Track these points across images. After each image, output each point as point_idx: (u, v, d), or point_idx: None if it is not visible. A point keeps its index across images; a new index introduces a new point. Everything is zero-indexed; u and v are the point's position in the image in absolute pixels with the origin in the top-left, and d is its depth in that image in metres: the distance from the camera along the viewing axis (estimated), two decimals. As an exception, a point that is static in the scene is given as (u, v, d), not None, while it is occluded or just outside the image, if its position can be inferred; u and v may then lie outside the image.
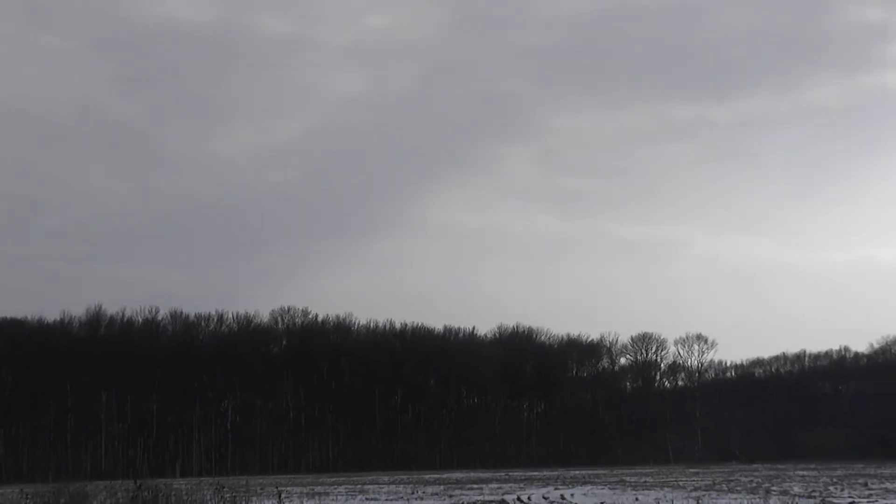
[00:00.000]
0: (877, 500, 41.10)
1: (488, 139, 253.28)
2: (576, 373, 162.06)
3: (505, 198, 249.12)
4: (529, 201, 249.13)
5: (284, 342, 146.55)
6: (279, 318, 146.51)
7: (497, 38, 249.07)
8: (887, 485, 56.59)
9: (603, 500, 45.59)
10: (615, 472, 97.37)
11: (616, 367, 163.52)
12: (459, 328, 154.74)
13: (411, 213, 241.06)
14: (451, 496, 52.54)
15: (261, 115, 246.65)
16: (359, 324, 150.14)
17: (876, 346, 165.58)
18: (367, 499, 52.14)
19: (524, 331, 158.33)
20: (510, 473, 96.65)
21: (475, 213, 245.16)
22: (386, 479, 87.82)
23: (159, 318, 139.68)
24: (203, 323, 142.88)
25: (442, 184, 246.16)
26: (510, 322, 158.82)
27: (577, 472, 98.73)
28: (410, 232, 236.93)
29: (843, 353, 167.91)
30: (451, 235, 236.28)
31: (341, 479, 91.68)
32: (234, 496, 38.21)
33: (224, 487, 38.65)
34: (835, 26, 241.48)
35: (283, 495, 42.61)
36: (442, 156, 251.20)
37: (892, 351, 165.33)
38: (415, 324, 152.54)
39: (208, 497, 37.38)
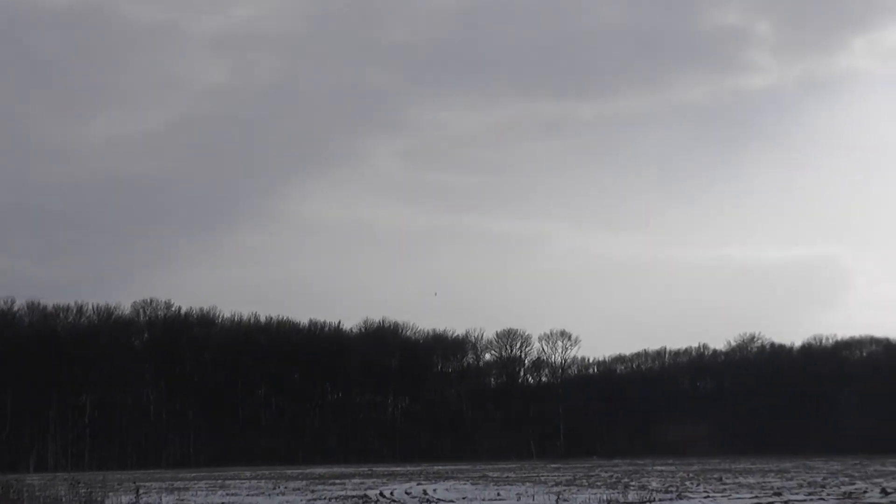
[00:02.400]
0: (730, 495, 42.00)
1: (355, 133, 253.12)
2: (441, 368, 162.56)
3: (372, 192, 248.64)
4: (396, 196, 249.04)
5: (146, 335, 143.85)
6: (141, 311, 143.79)
7: (365, 31, 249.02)
8: (741, 479, 57.95)
9: (465, 496, 45.67)
10: (478, 467, 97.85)
11: (481, 363, 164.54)
12: (325, 322, 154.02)
13: (277, 206, 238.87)
14: (313, 491, 52.12)
15: (123, 104, 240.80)
16: (223, 317, 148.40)
17: (733, 343, 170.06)
18: (227, 494, 51.37)
19: (390, 325, 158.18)
20: (373, 469, 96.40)
21: (342, 207, 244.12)
22: (248, 473, 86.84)
23: (15, 308, 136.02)
24: (62, 314, 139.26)
25: (308, 177, 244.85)
26: (376, 317, 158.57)
27: (441, 467, 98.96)
28: (276, 225, 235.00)
29: (702, 350, 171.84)
30: (318, 229, 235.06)
31: (202, 473, 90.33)
32: (90, 492, 37.24)
33: (79, 483, 37.70)
34: (698, 28, 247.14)
35: (140, 491, 41.62)
36: (309, 149, 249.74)
37: (749, 348, 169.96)
38: (280, 317, 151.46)
39: (62, 493, 36.42)
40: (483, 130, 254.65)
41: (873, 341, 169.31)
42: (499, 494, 45.86)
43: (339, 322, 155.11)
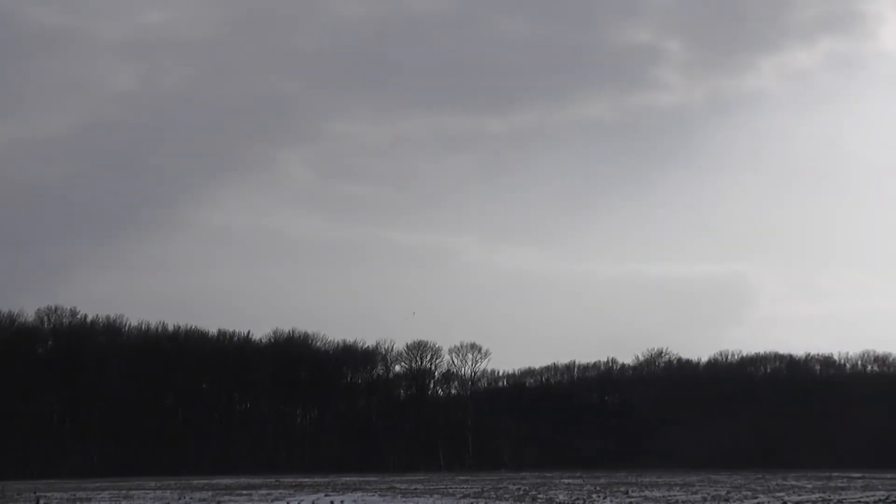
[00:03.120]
0: (637, 508, 42.34)
1: (266, 141, 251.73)
2: (350, 379, 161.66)
3: (282, 201, 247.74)
4: (307, 206, 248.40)
5: (50, 343, 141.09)
6: (45, 318, 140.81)
7: (277, 39, 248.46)
8: (646, 493, 58.47)
9: (373, 507, 45.48)
10: (387, 478, 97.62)
11: (391, 375, 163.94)
12: (234, 332, 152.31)
13: (186, 214, 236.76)
14: (219, 502, 51.52)
15: (27, 109, 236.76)
16: (130, 325, 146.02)
17: (641, 358, 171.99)
18: (131, 505, 50.56)
19: (300, 336, 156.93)
20: (281, 479, 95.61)
21: (252, 216, 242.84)
22: (153, 484, 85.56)
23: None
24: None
25: (218, 185, 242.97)
26: (286, 327, 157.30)
27: (349, 478, 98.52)
28: (186, 234, 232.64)
29: (610, 364, 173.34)
30: (227, 238, 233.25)
31: (106, 484, 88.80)
32: (-12, 502, 36.46)
33: (-23, 492, 36.83)
34: (608, 45, 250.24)
35: (41, 501, 40.84)
36: (218, 157, 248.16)
37: (656, 363, 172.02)
38: (188, 326, 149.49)
39: (-41, 503, 35.57)
40: (393, 143, 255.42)
41: (777, 357, 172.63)
42: (406, 506, 45.75)
43: (249, 332, 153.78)
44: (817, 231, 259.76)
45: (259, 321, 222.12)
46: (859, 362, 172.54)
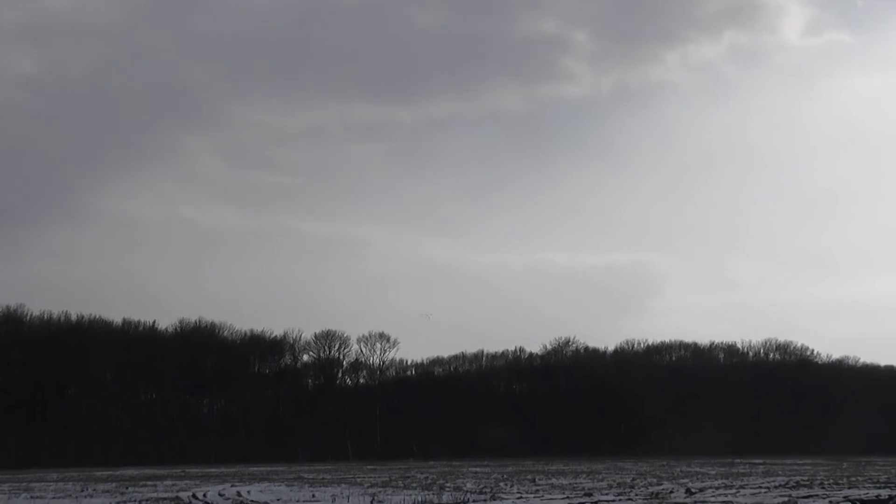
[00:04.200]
0: (542, 496, 42.56)
1: (172, 129, 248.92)
2: (258, 369, 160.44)
3: (189, 190, 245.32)
4: (215, 195, 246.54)
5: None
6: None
7: (185, 26, 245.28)
8: (554, 481, 58.88)
9: (280, 497, 45.14)
10: (294, 468, 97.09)
11: (299, 364, 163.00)
12: (139, 321, 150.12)
13: (91, 202, 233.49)
14: (123, 493, 50.72)
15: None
16: (31, 315, 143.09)
17: (549, 347, 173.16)
18: (32, 497, 49.51)
19: (206, 326, 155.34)
20: (187, 470, 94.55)
21: (160, 205, 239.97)
22: (55, 476, 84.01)
23: None
24: None
25: (123, 173, 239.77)
26: (192, 316, 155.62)
27: (256, 468, 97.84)
28: (89, 222, 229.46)
29: (518, 353, 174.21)
30: (134, 226, 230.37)
31: (6, 476, 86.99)
32: None
33: None
34: (516, 35, 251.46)
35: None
36: (123, 144, 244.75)
37: (564, 352, 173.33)
38: (92, 316, 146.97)
39: None
40: (303, 132, 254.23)
41: (682, 345, 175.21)
42: (314, 496, 45.49)
43: (154, 321, 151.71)
44: (722, 222, 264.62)
45: (165, 310, 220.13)
46: (762, 350, 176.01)
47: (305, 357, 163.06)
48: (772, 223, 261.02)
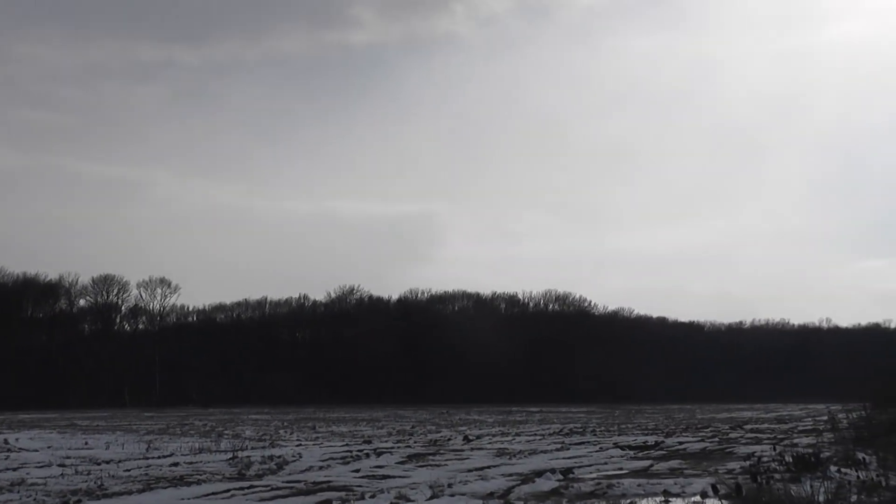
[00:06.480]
0: (321, 443, 42.35)
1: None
2: (31, 314, 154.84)
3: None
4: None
5: None
6: None
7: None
8: (334, 428, 58.87)
9: (51, 444, 43.51)
10: (67, 415, 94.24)
11: (75, 309, 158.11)
12: None
13: None
14: None
15: None
16: None
17: (333, 295, 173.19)
18: None
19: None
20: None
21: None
22: None
23: None
24: None
25: None
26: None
27: (27, 416, 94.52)
28: None
29: (302, 300, 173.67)
30: None
31: None
32: None
33: None
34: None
35: None
36: None
37: (348, 300, 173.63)
38: None
39: None
40: (80, 69, 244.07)
41: (465, 295, 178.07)
42: (87, 443, 44.07)
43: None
44: (506, 174, 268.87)
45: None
46: (542, 301, 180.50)
47: (82, 302, 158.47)
48: (554, 178, 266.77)
